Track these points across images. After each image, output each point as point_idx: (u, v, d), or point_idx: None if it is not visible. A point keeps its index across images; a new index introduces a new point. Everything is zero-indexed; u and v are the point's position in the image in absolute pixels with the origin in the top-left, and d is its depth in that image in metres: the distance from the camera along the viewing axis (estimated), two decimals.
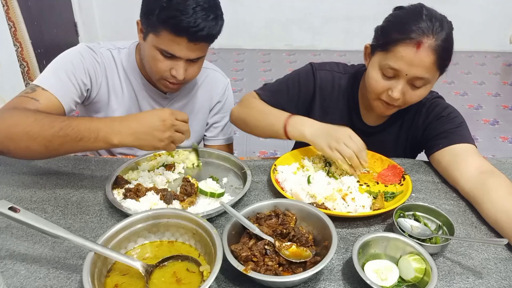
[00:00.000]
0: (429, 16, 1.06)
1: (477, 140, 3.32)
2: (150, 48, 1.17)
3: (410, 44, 1.05)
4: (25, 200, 1.06)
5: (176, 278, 0.78)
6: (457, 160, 1.12)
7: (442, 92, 1.34)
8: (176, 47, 1.13)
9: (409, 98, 1.14)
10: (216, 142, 1.54)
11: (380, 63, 1.12)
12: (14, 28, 3.58)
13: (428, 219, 0.98)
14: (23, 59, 3.73)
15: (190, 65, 1.21)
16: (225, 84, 1.52)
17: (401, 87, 1.10)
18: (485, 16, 5.33)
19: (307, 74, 1.34)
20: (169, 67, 1.18)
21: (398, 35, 1.07)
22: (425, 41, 1.04)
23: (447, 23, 1.09)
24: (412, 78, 1.09)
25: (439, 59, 1.06)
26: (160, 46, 1.14)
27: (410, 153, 1.36)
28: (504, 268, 0.87)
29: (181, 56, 1.16)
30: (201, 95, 1.45)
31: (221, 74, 1.53)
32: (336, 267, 0.86)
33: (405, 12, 1.12)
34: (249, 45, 5.67)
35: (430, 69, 1.07)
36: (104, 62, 1.29)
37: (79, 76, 1.21)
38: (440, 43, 1.05)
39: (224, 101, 1.52)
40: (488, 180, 1.03)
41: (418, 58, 1.05)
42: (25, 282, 0.81)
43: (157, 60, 1.17)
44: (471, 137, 1.19)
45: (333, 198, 1.02)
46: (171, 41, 1.12)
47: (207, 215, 0.97)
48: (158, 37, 1.13)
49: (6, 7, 3.47)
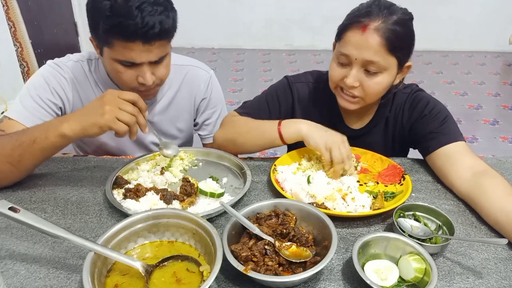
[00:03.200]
0: (378, 4, 1.09)
1: (477, 140, 3.32)
2: (109, 62, 1.13)
3: (357, 28, 1.07)
4: (25, 200, 1.06)
5: (176, 278, 0.78)
6: (449, 163, 1.11)
7: (442, 92, 1.34)
8: (133, 54, 1.07)
9: (367, 87, 1.13)
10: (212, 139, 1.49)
11: (336, 53, 1.16)
12: (14, 28, 3.58)
13: (428, 219, 0.98)
14: (23, 59, 3.73)
15: (156, 67, 1.15)
16: (207, 78, 1.45)
17: (355, 72, 1.11)
18: (485, 16, 5.33)
19: (284, 89, 1.34)
20: (134, 76, 1.13)
21: (346, 22, 1.11)
22: (371, 24, 1.06)
23: (401, 11, 1.09)
24: (364, 63, 1.09)
25: (388, 42, 1.06)
26: (117, 57, 1.09)
27: (400, 151, 1.35)
28: (504, 268, 0.87)
29: (142, 61, 1.10)
30: (183, 95, 1.40)
31: (202, 68, 1.46)
32: (336, 267, 0.86)
33: (359, 5, 1.14)
34: (249, 45, 5.67)
35: (378, 52, 1.07)
36: (73, 77, 1.27)
37: (45, 97, 1.21)
38: (389, 27, 1.06)
39: (210, 96, 1.46)
40: (484, 181, 1.03)
41: (364, 40, 1.06)
42: (25, 282, 0.81)
43: (119, 72, 1.13)
44: (458, 131, 1.18)
45: (333, 198, 1.02)
46: (125, 49, 1.06)
47: (207, 215, 0.97)
48: (112, 49, 1.08)
49: (6, 7, 3.47)
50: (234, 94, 4.22)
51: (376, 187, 1.14)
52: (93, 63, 1.29)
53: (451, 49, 5.53)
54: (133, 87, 1.16)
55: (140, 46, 1.06)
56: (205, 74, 1.45)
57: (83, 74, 1.28)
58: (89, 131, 1.00)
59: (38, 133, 1.02)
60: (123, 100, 1.00)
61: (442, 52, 5.48)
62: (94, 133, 1.00)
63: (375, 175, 1.20)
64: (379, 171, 1.20)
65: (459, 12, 5.30)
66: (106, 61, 1.15)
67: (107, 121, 0.98)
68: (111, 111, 0.98)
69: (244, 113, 1.32)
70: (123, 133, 1.00)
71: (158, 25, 1.05)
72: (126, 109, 1.00)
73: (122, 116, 0.99)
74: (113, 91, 1.03)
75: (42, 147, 1.02)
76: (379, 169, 1.21)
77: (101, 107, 0.99)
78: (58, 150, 1.06)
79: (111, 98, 1.00)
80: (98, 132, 1.00)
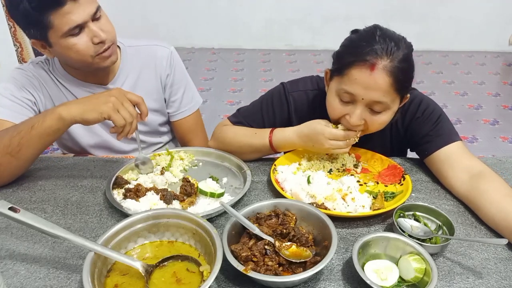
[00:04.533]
0: (383, 37, 1.02)
1: (477, 140, 3.31)
2: (60, 44, 1.13)
3: (364, 66, 1.01)
4: (25, 200, 1.06)
5: (176, 278, 0.78)
6: (446, 165, 1.11)
7: (442, 92, 1.33)
8: (72, 16, 1.08)
9: (371, 125, 1.10)
10: (181, 115, 1.48)
11: (337, 88, 1.09)
12: (14, 28, 3.57)
13: (428, 219, 0.98)
14: (23, 59, 3.73)
15: (99, 24, 1.15)
16: (168, 54, 1.42)
17: (359, 112, 1.07)
18: (485, 16, 5.32)
19: (280, 98, 1.29)
20: (89, 40, 1.14)
21: (351, 58, 1.03)
22: (379, 62, 1.00)
23: (404, 43, 1.04)
24: (370, 102, 1.05)
25: (396, 81, 1.01)
26: (63, 30, 1.09)
27: (398, 152, 1.34)
28: (504, 268, 0.87)
29: (84, 20, 1.11)
30: (147, 75, 1.39)
31: (160, 46, 1.43)
32: (336, 267, 0.86)
33: (359, 35, 1.08)
34: (249, 45, 5.66)
35: (387, 92, 1.02)
36: (38, 76, 1.29)
37: (19, 95, 1.23)
38: (396, 64, 1.00)
39: (173, 72, 1.43)
40: (482, 182, 1.03)
41: (373, 80, 1.01)
42: (25, 282, 0.81)
43: (74, 44, 1.13)
44: (453, 130, 1.16)
45: (333, 198, 1.02)
46: (63, 17, 1.07)
47: (207, 215, 0.97)
48: (53, 28, 1.09)
49: None
50: (234, 94, 4.22)
51: (376, 187, 1.14)
52: (50, 62, 1.32)
53: (451, 49, 5.52)
54: (93, 52, 1.16)
55: (71, 5, 1.07)
56: (165, 50, 1.42)
57: (45, 73, 1.31)
58: (87, 115, 1.03)
59: (36, 119, 1.06)
60: (127, 99, 1.06)
61: (442, 52, 5.47)
62: (93, 118, 1.03)
63: (375, 175, 1.20)
64: (379, 171, 1.20)
65: (459, 12, 5.29)
66: (56, 47, 1.14)
67: (109, 108, 1.02)
68: (115, 102, 1.04)
69: (236, 122, 1.30)
70: (120, 125, 1.04)
71: None
72: (128, 107, 1.05)
73: (123, 111, 1.04)
74: (121, 89, 1.08)
75: (39, 132, 1.05)
76: (379, 169, 1.21)
77: (106, 97, 1.04)
78: (55, 135, 1.07)
79: (118, 93, 1.06)
80: (96, 118, 1.03)
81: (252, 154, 1.25)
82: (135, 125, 1.08)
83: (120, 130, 1.06)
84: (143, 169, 1.17)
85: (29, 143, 1.05)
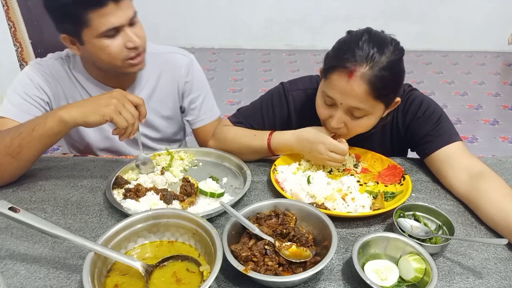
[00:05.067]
0: (368, 42, 1.00)
1: (477, 140, 3.31)
2: (93, 43, 1.13)
3: (343, 72, 1.01)
4: (25, 200, 1.06)
5: (176, 278, 0.78)
6: (446, 165, 1.11)
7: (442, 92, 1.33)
8: (111, 18, 1.09)
9: (352, 129, 1.10)
10: (201, 123, 1.48)
11: (321, 90, 1.10)
12: (14, 28, 3.58)
13: (428, 219, 0.98)
14: (23, 59, 3.73)
15: (135, 28, 1.16)
16: (188, 62, 1.43)
17: (339, 116, 1.07)
18: (485, 16, 5.32)
19: (280, 98, 1.29)
20: (122, 44, 1.14)
21: (333, 62, 1.04)
22: (358, 70, 0.99)
23: (393, 48, 1.02)
24: (349, 108, 1.05)
25: (374, 89, 1.00)
26: (99, 30, 1.09)
27: (398, 152, 1.33)
28: (504, 268, 0.87)
29: (122, 23, 1.11)
30: (164, 82, 1.39)
31: (181, 54, 1.44)
32: (336, 267, 0.86)
33: (348, 38, 1.07)
34: (249, 45, 5.66)
35: (364, 99, 1.02)
36: (55, 73, 1.28)
37: (32, 93, 1.23)
38: (376, 73, 0.99)
39: (192, 80, 1.44)
40: (481, 182, 1.03)
41: (349, 87, 1.01)
42: (25, 282, 0.81)
43: (107, 47, 1.13)
44: (453, 130, 1.16)
45: (333, 198, 1.02)
46: (102, 17, 1.08)
47: (207, 215, 0.97)
48: (90, 26, 1.09)
49: (6, 7, 3.47)
50: (234, 94, 4.22)
51: (376, 187, 1.14)
52: (71, 60, 1.31)
53: (451, 49, 5.52)
54: (124, 57, 1.17)
55: (113, 7, 1.08)
56: (185, 59, 1.43)
57: (63, 71, 1.29)
58: (89, 118, 1.02)
59: (37, 121, 1.05)
60: (128, 101, 1.05)
61: (442, 52, 5.47)
62: (94, 120, 1.03)
63: (375, 175, 1.20)
64: (379, 171, 1.20)
65: (459, 12, 5.29)
66: (89, 46, 1.14)
67: (111, 110, 1.02)
68: (117, 104, 1.03)
69: (237, 122, 1.30)
70: (122, 127, 1.04)
71: None
72: (129, 109, 1.05)
73: (125, 113, 1.04)
74: (121, 90, 1.08)
75: (40, 134, 1.04)
76: (379, 169, 1.21)
77: (108, 99, 1.04)
78: (56, 137, 1.07)
79: (119, 95, 1.05)
80: (98, 120, 1.03)
81: (251, 155, 1.25)
82: (137, 126, 1.08)
83: (122, 132, 1.06)
84: (143, 169, 1.17)
85: (29, 145, 1.05)
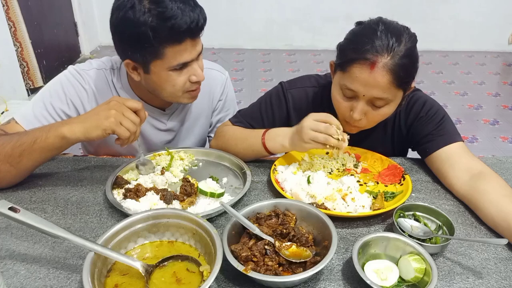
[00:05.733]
0: (385, 32, 1.01)
1: (477, 140, 3.31)
2: (159, 75, 1.11)
3: (364, 64, 1.01)
4: (25, 200, 1.06)
5: (176, 278, 0.78)
6: (447, 165, 1.11)
7: (442, 92, 1.33)
8: (185, 54, 1.09)
9: (372, 118, 1.11)
10: None
11: (340, 83, 1.10)
12: (14, 28, 3.58)
13: (428, 219, 0.98)
14: (23, 59, 3.73)
15: (199, 62, 1.17)
16: (223, 80, 1.45)
17: (361, 107, 1.07)
18: (485, 16, 5.32)
19: (279, 97, 1.30)
20: (187, 77, 1.14)
21: (352, 55, 1.03)
22: (380, 60, 0.99)
23: (407, 36, 1.03)
24: (371, 99, 1.06)
25: (397, 78, 1.01)
26: (170, 64, 1.09)
27: (399, 151, 1.34)
28: (504, 268, 0.87)
29: (192, 59, 1.11)
30: (200, 99, 1.37)
31: (217, 70, 1.45)
32: (336, 267, 0.86)
33: (362, 28, 1.07)
34: (249, 45, 5.66)
35: (387, 89, 1.03)
36: (93, 87, 1.24)
37: (58, 107, 1.20)
38: (397, 61, 1.00)
39: (225, 98, 1.47)
40: (481, 183, 1.03)
41: (372, 78, 1.01)
42: (25, 282, 0.81)
43: (173, 79, 1.12)
44: (455, 131, 1.17)
45: (333, 198, 1.02)
46: (177, 52, 1.07)
47: (207, 215, 0.97)
48: (163, 59, 1.07)
49: (6, 7, 3.47)
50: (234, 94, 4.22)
51: (376, 187, 1.14)
52: (116, 73, 1.27)
53: (451, 49, 5.52)
54: (185, 89, 1.17)
55: (189, 44, 1.08)
56: (221, 76, 1.45)
57: (106, 83, 1.26)
58: (91, 133, 1.01)
59: (39, 133, 1.03)
60: (127, 108, 1.03)
61: (442, 52, 5.47)
62: (97, 135, 1.01)
63: (375, 175, 1.20)
64: (379, 171, 1.20)
65: (459, 12, 5.29)
66: (154, 76, 1.12)
67: (111, 123, 1.00)
68: (116, 115, 1.01)
69: (237, 122, 1.31)
70: (125, 137, 1.03)
71: (201, 18, 1.07)
72: (129, 117, 1.03)
73: (126, 122, 1.02)
74: (118, 98, 1.06)
75: (41, 147, 1.03)
76: (379, 169, 1.21)
77: (106, 111, 1.02)
78: (57, 151, 1.06)
79: (117, 104, 1.03)
80: (100, 135, 1.01)
81: (248, 154, 1.24)
82: (139, 132, 1.07)
83: (125, 142, 1.06)
84: (143, 170, 1.17)
85: (30, 156, 1.04)
